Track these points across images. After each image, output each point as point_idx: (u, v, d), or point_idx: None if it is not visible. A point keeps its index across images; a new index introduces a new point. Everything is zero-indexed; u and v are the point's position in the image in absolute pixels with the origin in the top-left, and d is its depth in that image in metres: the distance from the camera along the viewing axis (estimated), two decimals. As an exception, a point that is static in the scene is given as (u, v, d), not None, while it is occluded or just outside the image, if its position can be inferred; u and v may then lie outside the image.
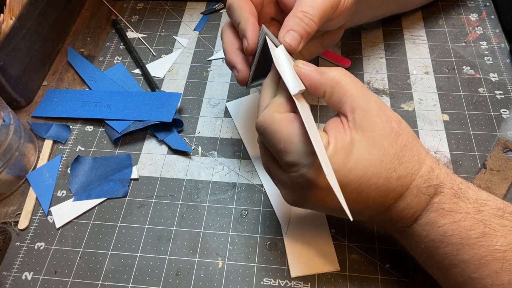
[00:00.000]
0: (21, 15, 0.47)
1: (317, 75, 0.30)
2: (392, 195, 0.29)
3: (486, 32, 0.54)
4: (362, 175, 0.28)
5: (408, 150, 0.29)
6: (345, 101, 0.30)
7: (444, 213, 0.28)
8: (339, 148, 0.28)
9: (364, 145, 0.28)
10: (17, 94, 0.48)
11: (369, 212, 0.31)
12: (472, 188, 0.30)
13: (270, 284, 0.37)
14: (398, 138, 0.29)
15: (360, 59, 0.52)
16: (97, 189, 0.43)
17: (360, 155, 0.28)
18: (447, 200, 0.29)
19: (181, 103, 0.50)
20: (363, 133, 0.28)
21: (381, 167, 0.28)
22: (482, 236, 0.27)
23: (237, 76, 0.36)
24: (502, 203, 0.29)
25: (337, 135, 0.29)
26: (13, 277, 0.38)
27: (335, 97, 0.30)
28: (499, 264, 0.26)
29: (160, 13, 0.60)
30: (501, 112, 0.46)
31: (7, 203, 0.43)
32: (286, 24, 0.34)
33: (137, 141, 0.47)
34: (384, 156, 0.28)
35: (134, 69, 0.53)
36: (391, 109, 0.30)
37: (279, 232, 0.39)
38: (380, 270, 0.37)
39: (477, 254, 0.27)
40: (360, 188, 0.28)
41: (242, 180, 0.43)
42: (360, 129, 0.29)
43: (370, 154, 0.28)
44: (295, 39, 0.33)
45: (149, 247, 0.39)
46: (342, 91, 0.30)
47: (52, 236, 0.40)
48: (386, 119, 0.29)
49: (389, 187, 0.28)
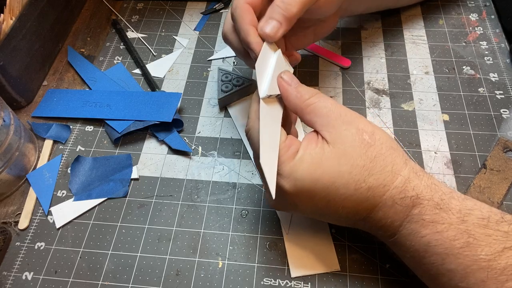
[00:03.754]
0: (21, 15, 0.47)
1: (293, 93, 0.32)
2: (365, 205, 0.30)
3: (486, 32, 0.54)
4: (330, 185, 0.29)
5: (380, 161, 0.30)
6: (316, 121, 0.32)
7: (425, 224, 0.29)
8: (306, 157, 0.30)
9: (333, 156, 0.30)
10: (17, 94, 0.48)
11: (345, 220, 0.32)
12: (456, 198, 0.29)
13: (270, 284, 0.37)
14: (369, 149, 0.30)
15: (360, 59, 0.52)
16: (97, 189, 0.43)
17: (328, 166, 0.29)
18: (427, 212, 0.29)
19: (181, 103, 0.50)
20: (333, 146, 0.30)
21: (350, 178, 0.29)
22: (466, 246, 0.27)
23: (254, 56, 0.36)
24: (488, 212, 0.28)
25: (308, 145, 0.31)
26: (13, 277, 0.38)
27: (306, 117, 0.32)
28: (485, 273, 0.26)
29: (160, 13, 0.60)
30: (501, 112, 0.46)
31: (7, 203, 0.43)
32: (266, 14, 0.34)
33: (137, 141, 0.47)
34: (352, 167, 0.29)
35: (134, 69, 0.53)
36: (367, 121, 0.32)
37: (279, 232, 0.39)
38: (380, 270, 0.37)
39: (462, 263, 0.27)
40: (329, 197, 0.30)
41: (242, 180, 0.43)
42: (331, 143, 0.30)
43: (339, 166, 0.29)
44: (274, 27, 0.33)
45: (149, 247, 0.39)
46: (312, 113, 0.32)
47: (52, 236, 0.40)
48: (357, 131, 0.30)
49: (359, 197, 0.29)
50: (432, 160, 0.43)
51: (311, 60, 0.53)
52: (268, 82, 0.33)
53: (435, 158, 0.43)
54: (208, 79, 0.52)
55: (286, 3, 0.33)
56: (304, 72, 0.51)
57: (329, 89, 0.49)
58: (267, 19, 0.34)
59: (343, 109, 0.32)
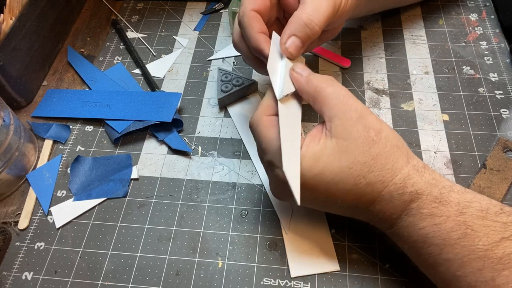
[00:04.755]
0: (21, 15, 0.47)
1: (303, 82, 0.32)
2: (363, 199, 0.31)
3: (486, 32, 0.54)
4: (330, 180, 0.30)
5: (382, 159, 0.30)
6: (324, 111, 0.31)
7: (423, 217, 0.29)
8: (309, 154, 0.30)
9: (335, 152, 0.30)
10: (17, 94, 0.48)
11: (345, 211, 0.33)
12: (456, 191, 0.30)
13: (270, 284, 0.37)
14: (372, 147, 0.30)
15: (360, 59, 0.52)
16: (97, 189, 0.43)
17: (329, 162, 0.30)
18: (425, 205, 0.29)
19: (181, 103, 0.50)
20: (336, 141, 0.30)
21: (350, 173, 0.30)
22: (464, 237, 0.28)
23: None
24: (487, 204, 0.29)
25: (310, 142, 0.31)
26: (13, 277, 0.38)
27: (317, 106, 0.32)
28: (481, 262, 0.27)
29: (160, 13, 0.60)
30: (501, 112, 0.46)
31: (7, 203, 0.43)
32: (290, 27, 0.33)
33: (137, 141, 0.47)
34: (353, 163, 0.30)
35: (134, 69, 0.53)
36: (376, 118, 0.31)
37: (279, 232, 0.39)
38: (380, 270, 0.37)
39: (459, 253, 0.28)
40: (328, 191, 0.31)
41: (242, 180, 0.43)
42: (335, 137, 0.30)
43: (340, 161, 0.30)
44: (297, 46, 0.34)
45: (149, 247, 0.39)
46: (322, 101, 0.31)
47: (52, 236, 0.40)
48: (363, 128, 0.30)
49: (358, 192, 0.30)
50: (432, 160, 0.43)
51: (311, 60, 0.53)
52: (282, 82, 0.33)
53: (435, 158, 0.43)
54: (208, 79, 0.52)
55: (312, 21, 0.33)
56: (304, 72, 0.51)
57: (329, 89, 0.49)
58: (290, 34, 0.33)
59: (354, 102, 0.31)
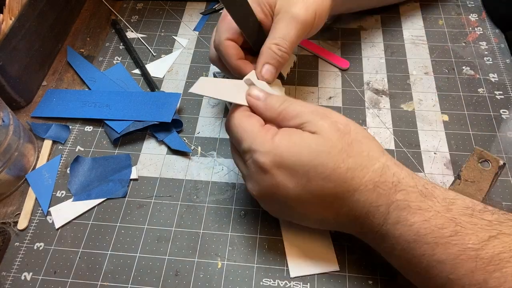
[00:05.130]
0: (21, 15, 0.47)
1: (262, 107, 0.34)
2: (345, 186, 0.30)
3: (486, 32, 0.54)
4: (308, 162, 0.30)
5: (356, 146, 0.31)
6: (291, 124, 0.33)
7: (412, 211, 0.29)
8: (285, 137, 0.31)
9: (312, 139, 0.31)
10: (16, 94, 0.48)
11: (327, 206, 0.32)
12: (439, 188, 0.30)
13: (270, 284, 0.37)
14: (345, 136, 0.31)
15: (359, 59, 0.52)
16: (97, 189, 0.43)
17: (307, 146, 0.31)
18: (412, 198, 0.29)
19: (181, 103, 0.50)
20: (311, 134, 0.32)
21: (328, 158, 0.30)
22: (455, 235, 0.28)
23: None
24: (471, 202, 0.29)
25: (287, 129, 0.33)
26: (12, 278, 0.38)
27: (282, 125, 0.33)
28: (473, 263, 0.27)
29: (159, 13, 0.60)
30: (501, 113, 0.46)
31: (7, 203, 0.42)
32: (262, 57, 0.37)
33: (136, 141, 0.46)
34: (331, 148, 0.30)
35: (134, 69, 0.53)
36: (340, 115, 0.33)
37: (279, 232, 0.39)
38: (379, 270, 0.37)
39: (452, 253, 0.28)
40: (309, 175, 0.30)
41: (241, 180, 0.43)
42: (308, 132, 0.32)
43: (317, 146, 0.31)
44: (271, 73, 0.37)
45: (149, 248, 0.39)
46: (285, 118, 0.33)
47: (51, 236, 0.40)
48: (331, 122, 0.32)
49: (339, 177, 0.30)
50: (432, 161, 0.43)
51: (310, 60, 0.53)
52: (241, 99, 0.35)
53: (435, 159, 0.43)
54: (207, 79, 0.52)
55: (280, 49, 0.37)
56: (304, 73, 0.51)
57: (329, 89, 0.49)
58: (263, 63, 0.37)
59: (314, 106, 0.33)
